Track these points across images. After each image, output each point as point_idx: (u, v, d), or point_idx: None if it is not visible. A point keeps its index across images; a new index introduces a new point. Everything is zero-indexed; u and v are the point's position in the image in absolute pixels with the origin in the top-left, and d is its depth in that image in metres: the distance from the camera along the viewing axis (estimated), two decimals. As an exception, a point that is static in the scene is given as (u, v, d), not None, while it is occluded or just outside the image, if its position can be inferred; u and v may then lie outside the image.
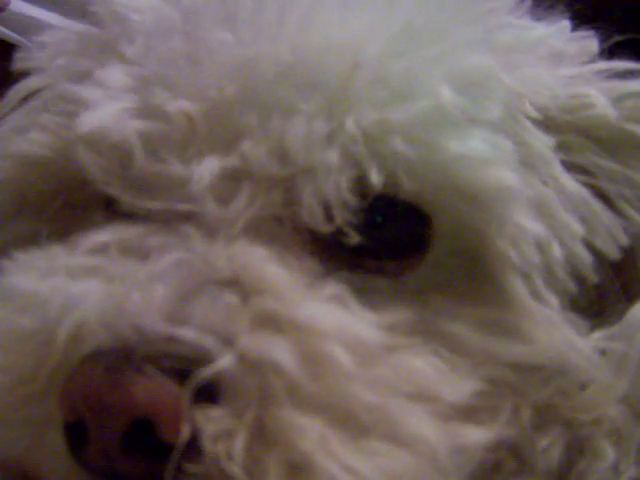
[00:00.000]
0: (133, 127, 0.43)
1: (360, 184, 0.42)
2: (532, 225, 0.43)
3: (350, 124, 0.41)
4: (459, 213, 0.43)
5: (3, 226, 0.52)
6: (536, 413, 0.44)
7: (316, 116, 0.42)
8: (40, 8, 1.32)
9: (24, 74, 0.53)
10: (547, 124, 0.46)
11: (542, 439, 0.44)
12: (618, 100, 0.48)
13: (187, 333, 0.37)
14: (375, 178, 0.41)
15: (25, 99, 0.53)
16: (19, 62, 0.53)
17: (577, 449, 0.45)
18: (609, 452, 0.44)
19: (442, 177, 0.42)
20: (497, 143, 0.43)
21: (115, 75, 0.45)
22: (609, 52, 0.50)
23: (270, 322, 0.38)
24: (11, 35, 1.28)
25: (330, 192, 0.42)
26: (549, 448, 0.44)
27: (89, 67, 0.47)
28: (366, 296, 0.42)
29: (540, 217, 0.44)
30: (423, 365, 0.41)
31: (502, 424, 0.43)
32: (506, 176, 0.42)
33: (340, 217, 0.42)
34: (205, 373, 0.37)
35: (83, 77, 0.47)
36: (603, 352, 0.45)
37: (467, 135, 0.42)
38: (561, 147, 0.46)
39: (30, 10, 1.32)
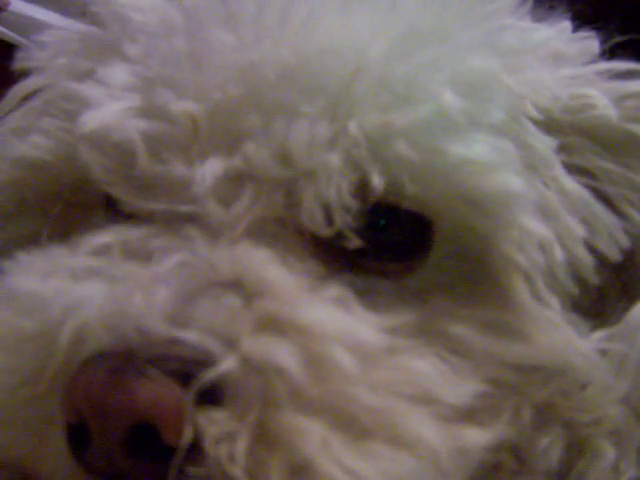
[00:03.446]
0: (136, 127, 0.43)
1: (362, 187, 0.42)
2: (537, 227, 0.43)
3: (353, 127, 0.41)
4: (462, 217, 0.43)
5: (4, 226, 0.52)
6: (536, 413, 0.44)
7: (319, 119, 0.42)
8: (40, 8, 1.31)
9: (24, 74, 0.53)
10: (548, 125, 0.46)
11: (542, 439, 0.44)
12: (619, 101, 0.48)
13: (190, 335, 0.37)
14: (377, 181, 0.41)
15: (25, 99, 0.53)
16: (19, 62, 0.53)
17: (577, 449, 0.45)
18: (609, 452, 0.44)
19: (445, 182, 0.42)
20: (500, 147, 0.43)
21: (118, 74, 0.45)
22: (610, 53, 0.50)
23: (273, 325, 0.38)
24: (11, 35, 1.28)
25: (331, 195, 0.42)
26: (549, 448, 0.44)
27: (90, 67, 0.47)
28: (368, 298, 0.42)
29: (542, 219, 0.44)
30: (425, 367, 0.41)
31: (503, 425, 0.43)
32: (511, 181, 0.42)
33: (340, 220, 0.42)
34: (208, 375, 0.37)
35: (84, 77, 0.47)
36: (603, 353, 0.45)
37: (470, 139, 0.42)
38: (562, 148, 0.46)
39: (30, 10, 1.32)
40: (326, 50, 0.42)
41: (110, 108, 0.44)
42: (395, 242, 0.44)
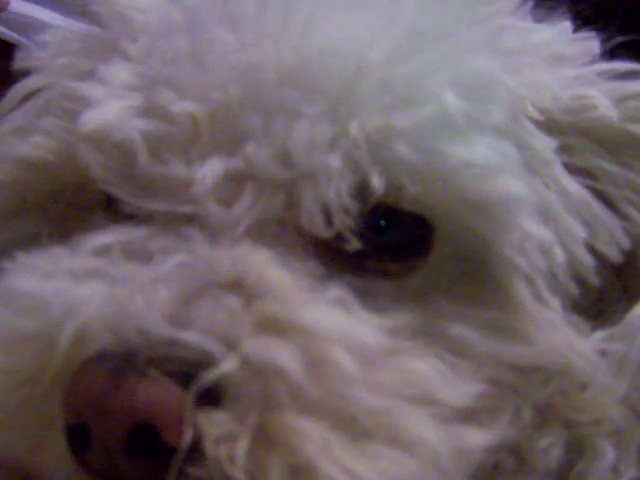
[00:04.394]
0: (136, 126, 0.43)
1: (362, 189, 0.42)
2: (538, 230, 0.43)
3: (354, 129, 0.41)
4: (463, 220, 0.43)
5: (4, 227, 0.52)
6: (536, 413, 0.44)
7: (320, 120, 0.41)
8: (40, 8, 1.31)
9: (24, 74, 0.53)
10: (549, 126, 0.46)
11: (542, 439, 0.44)
12: (620, 101, 0.48)
13: (190, 336, 0.37)
14: (376, 183, 0.41)
15: (25, 98, 0.53)
16: (19, 62, 0.53)
17: (577, 449, 0.45)
18: (609, 452, 0.45)
19: (446, 184, 0.42)
20: (501, 149, 0.43)
21: (118, 73, 0.45)
22: (611, 53, 0.50)
23: (273, 325, 0.38)
24: (11, 35, 1.27)
25: (330, 197, 0.41)
26: (549, 448, 0.44)
27: (91, 66, 0.47)
28: (369, 299, 0.42)
29: (543, 220, 0.44)
30: (425, 368, 0.41)
31: (503, 425, 0.43)
32: (512, 185, 0.42)
33: (340, 222, 0.42)
34: (208, 376, 0.37)
35: (85, 76, 0.47)
36: (604, 353, 0.45)
37: (471, 141, 0.42)
38: (563, 149, 0.46)
39: (30, 10, 1.31)
40: (327, 51, 0.42)
41: (110, 107, 0.44)
42: (395, 243, 0.44)
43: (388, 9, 0.44)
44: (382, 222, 0.43)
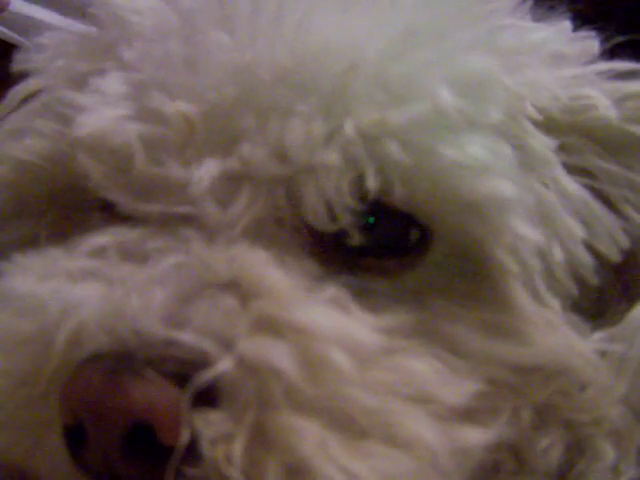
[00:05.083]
0: (132, 130, 0.43)
1: (359, 185, 0.42)
2: (531, 233, 0.43)
3: (348, 126, 0.41)
4: (455, 219, 0.43)
5: (1, 228, 0.52)
6: (536, 413, 0.44)
7: (314, 117, 0.41)
8: (40, 8, 1.31)
9: (23, 75, 0.53)
10: (548, 126, 0.46)
11: (542, 439, 0.44)
12: (620, 101, 0.48)
13: (186, 336, 0.38)
14: (372, 180, 0.41)
15: (24, 100, 0.53)
16: (18, 63, 0.53)
17: (577, 449, 0.45)
18: (609, 452, 0.44)
19: (436, 184, 0.42)
20: (496, 149, 0.43)
21: (113, 83, 0.45)
22: (610, 53, 0.50)
23: (269, 325, 0.38)
24: (11, 35, 1.27)
25: (332, 192, 0.41)
26: (549, 448, 0.44)
27: (88, 70, 0.47)
28: (365, 298, 0.42)
29: (541, 221, 0.44)
30: (422, 367, 0.41)
31: (502, 425, 0.43)
32: (504, 186, 0.42)
33: (343, 217, 0.42)
34: (204, 377, 0.37)
35: (82, 80, 0.47)
36: (603, 353, 0.45)
37: (465, 141, 0.42)
38: (562, 149, 0.46)
39: (30, 10, 1.31)
40: (321, 50, 0.42)
41: (106, 114, 0.44)
42: (391, 239, 0.43)
43: (384, 8, 0.44)
44: (371, 219, 0.43)
